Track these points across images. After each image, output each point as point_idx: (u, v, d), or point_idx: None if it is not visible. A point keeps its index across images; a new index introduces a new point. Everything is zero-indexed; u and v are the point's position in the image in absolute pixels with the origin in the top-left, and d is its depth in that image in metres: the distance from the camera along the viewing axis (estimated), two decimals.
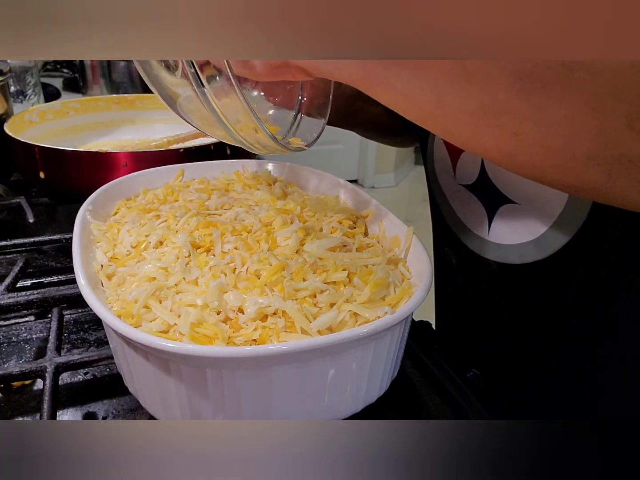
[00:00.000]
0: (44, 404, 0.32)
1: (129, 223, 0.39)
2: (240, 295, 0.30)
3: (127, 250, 0.37)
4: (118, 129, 0.82)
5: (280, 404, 0.29)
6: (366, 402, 0.33)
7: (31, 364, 0.35)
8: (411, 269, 0.36)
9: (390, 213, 0.41)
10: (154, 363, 0.28)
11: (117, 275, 0.34)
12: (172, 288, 0.32)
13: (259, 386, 0.28)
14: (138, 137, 0.80)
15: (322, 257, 0.34)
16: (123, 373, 0.34)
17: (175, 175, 0.48)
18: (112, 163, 0.58)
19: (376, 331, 0.28)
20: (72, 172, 0.59)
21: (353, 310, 0.30)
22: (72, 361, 0.35)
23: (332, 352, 0.28)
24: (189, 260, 0.34)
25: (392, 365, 0.33)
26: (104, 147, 0.65)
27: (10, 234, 0.52)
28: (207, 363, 0.27)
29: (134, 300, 0.31)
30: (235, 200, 0.43)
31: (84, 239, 0.37)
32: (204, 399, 0.29)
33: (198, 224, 0.38)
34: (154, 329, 0.29)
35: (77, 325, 0.44)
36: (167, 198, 0.44)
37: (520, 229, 0.42)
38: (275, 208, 0.42)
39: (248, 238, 0.36)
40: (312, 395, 0.30)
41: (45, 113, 0.75)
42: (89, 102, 0.80)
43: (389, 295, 0.32)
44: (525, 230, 0.42)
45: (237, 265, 0.33)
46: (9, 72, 0.75)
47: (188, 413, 0.29)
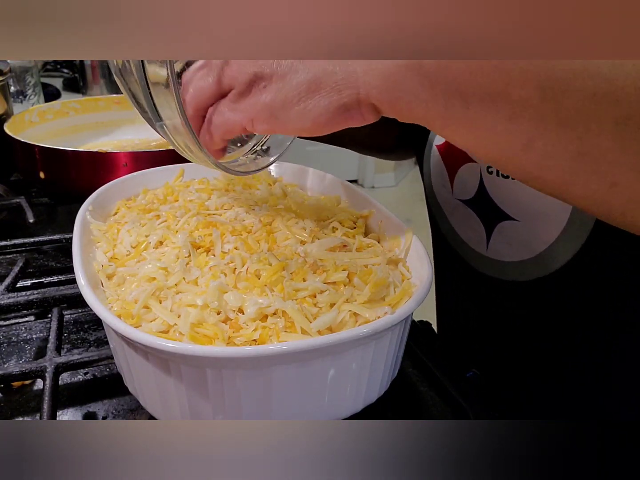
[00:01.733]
0: (44, 404, 0.32)
1: (129, 223, 0.39)
2: (240, 296, 0.30)
3: (127, 251, 0.37)
4: (118, 129, 0.82)
5: (280, 404, 0.29)
6: (366, 402, 0.33)
7: (31, 364, 0.35)
8: (411, 269, 0.36)
9: (390, 213, 0.41)
10: (154, 363, 0.28)
11: (117, 275, 0.34)
12: (172, 288, 0.32)
13: (259, 386, 0.28)
14: (138, 137, 0.80)
15: (322, 257, 0.34)
16: (123, 373, 0.34)
17: (175, 175, 0.48)
18: (112, 163, 0.58)
19: (376, 331, 0.28)
20: (72, 172, 0.59)
21: (353, 310, 0.30)
22: (72, 361, 0.35)
23: (332, 352, 0.28)
24: (189, 260, 0.34)
25: (392, 365, 0.33)
26: (104, 147, 0.65)
27: (10, 234, 0.52)
28: (207, 363, 0.27)
29: (134, 301, 0.31)
30: (235, 200, 0.43)
31: (84, 239, 0.37)
32: (204, 399, 0.28)
33: (198, 224, 0.38)
34: (154, 329, 0.29)
35: (77, 325, 0.44)
36: (167, 198, 0.44)
37: (520, 245, 0.42)
38: (275, 208, 0.42)
39: (248, 238, 0.36)
40: (312, 395, 0.30)
41: (45, 113, 0.75)
42: (89, 102, 0.80)
43: (389, 295, 0.32)
44: (525, 247, 0.42)
45: (237, 265, 0.33)
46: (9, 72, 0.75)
47: (188, 413, 0.29)
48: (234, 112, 0.31)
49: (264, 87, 0.29)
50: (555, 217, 0.38)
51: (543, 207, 0.39)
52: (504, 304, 0.46)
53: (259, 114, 0.30)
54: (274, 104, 0.29)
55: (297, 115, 0.29)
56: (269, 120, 0.30)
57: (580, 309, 0.40)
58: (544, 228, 0.40)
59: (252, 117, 0.30)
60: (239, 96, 0.31)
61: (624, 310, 0.38)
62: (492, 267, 0.45)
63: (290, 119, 0.29)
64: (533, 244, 0.41)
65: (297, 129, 0.30)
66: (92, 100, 0.81)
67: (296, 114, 0.29)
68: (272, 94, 0.29)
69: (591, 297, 0.39)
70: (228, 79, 0.31)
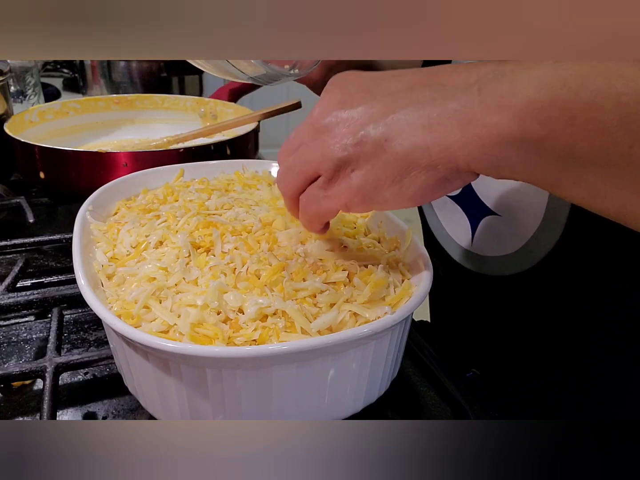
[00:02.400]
0: (44, 404, 0.32)
1: (129, 223, 0.39)
2: (240, 296, 0.30)
3: (127, 251, 0.37)
4: (118, 129, 0.82)
5: (280, 404, 0.29)
6: (366, 402, 0.33)
7: (31, 364, 0.35)
8: (411, 269, 0.36)
9: (390, 213, 0.41)
10: (154, 363, 0.28)
11: (117, 275, 0.34)
12: (172, 288, 0.32)
13: (259, 386, 0.28)
14: (138, 137, 0.80)
15: (322, 258, 0.34)
16: (123, 373, 0.34)
17: (175, 175, 0.48)
18: (112, 163, 0.58)
19: (376, 331, 0.28)
20: (72, 172, 0.59)
21: (353, 311, 0.30)
22: (72, 361, 0.35)
23: (332, 352, 0.28)
24: (189, 260, 0.34)
25: (392, 365, 0.33)
26: (104, 147, 0.65)
27: (10, 234, 0.52)
28: (207, 363, 0.27)
29: (134, 301, 0.31)
30: (235, 200, 0.43)
31: (84, 239, 0.37)
32: (204, 399, 0.28)
33: (198, 224, 0.38)
34: (154, 329, 0.29)
35: (77, 325, 0.44)
36: (167, 198, 0.44)
37: (502, 240, 0.42)
38: (275, 208, 0.42)
39: (248, 238, 0.36)
40: (312, 395, 0.30)
41: (45, 113, 0.75)
42: (89, 102, 0.80)
43: (389, 295, 0.32)
44: (507, 242, 0.42)
45: (237, 265, 0.33)
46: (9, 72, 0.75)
47: (188, 413, 0.29)
48: (327, 199, 0.30)
49: (352, 171, 0.28)
50: (532, 212, 0.38)
51: (521, 202, 0.39)
52: (490, 300, 0.46)
53: (352, 198, 0.29)
54: (366, 187, 0.28)
55: (393, 195, 0.28)
56: (364, 203, 0.29)
57: (562, 303, 0.40)
58: (523, 222, 0.40)
59: (346, 202, 0.29)
60: (329, 183, 0.29)
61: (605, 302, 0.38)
62: (477, 262, 0.45)
63: (386, 200, 0.28)
64: (514, 239, 0.41)
65: (396, 206, 0.29)
66: (92, 100, 0.81)
67: (392, 194, 0.28)
68: (362, 178, 0.28)
69: (571, 290, 0.39)
70: (314, 166, 0.29)
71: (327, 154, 0.28)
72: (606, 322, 0.39)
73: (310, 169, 0.30)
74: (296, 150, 0.30)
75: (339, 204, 0.30)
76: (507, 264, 0.42)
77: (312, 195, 0.30)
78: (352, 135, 0.28)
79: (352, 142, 0.27)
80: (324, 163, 0.29)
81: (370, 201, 0.29)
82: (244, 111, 0.77)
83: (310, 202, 0.31)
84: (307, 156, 0.30)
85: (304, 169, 0.30)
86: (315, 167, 0.29)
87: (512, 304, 0.44)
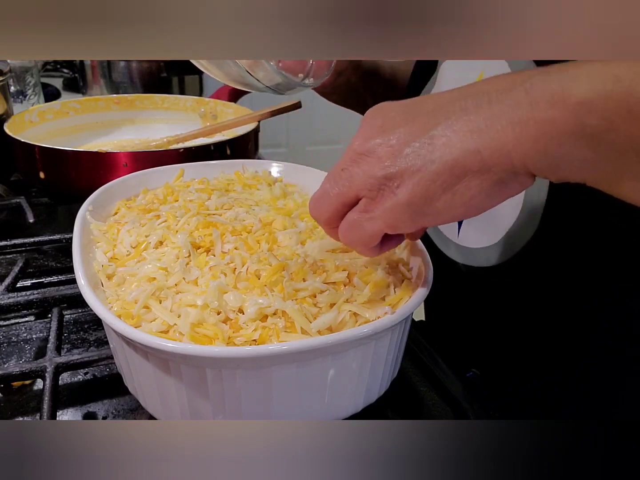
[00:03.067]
0: (44, 404, 0.32)
1: (129, 223, 0.39)
2: (240, 296, 0.30)
3: (127, 251, 0.37)
4: (118, 129, 0.82)
5: (280, 404, 0.29)
6: (366, 402, 0.33)
7: (31, 364, 0.35)
8: (411, 269, 0.36)
9: None
10: (154, 363, 0.28)
11: (117, 275, 0.34)
12: (172, 288, 0.32)
13: (259, 386, 0.28)
14: (138, 137, 0.80)
15: (322, 258, 0.34)
16: (123, 373, 0.34)
17: (175, 175, 0.48)
18: (112, 163, 0.58)
19: (376, 331, 0.28)
20: (72, 172, 0.59)
21: (353, 311, 0.30)
22: (72, 361, 0.35)
23: (332, 352, 0.28)
24: (189, 260, 0.34)
25: (392, 365, 0.33)
26: (104, 147, 0.65)
27: (10, 234, 0.52)
28: (207, 363, 0.27)
29: (134, 301, 0.31)
30: (235, 200, 0.43)
31: (84, 239, 0.37)
32: (204, 399, 0.28)
33: (198, 224, 0.38)
34: (154, 329, 0.29)
35: (77, 325, 0.44)
36: (167, 198, 0.44)
37: (485, 232, 0.43)
38: (275, 208, 0.42)
39: (248, 238, 0.36)
40: (312, 395, 0.30)
41: (45, 113, 0.75)
42: (89, 102, 0.80)
43: (389, 295, 0.32)
44: (489, 234, 0.42)
45: (237, 265, 0.33)
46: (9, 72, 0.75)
47: (188, 413, 0.29)
48: (370, 221, 0.28)
49: (397, 187, 0.26)
50: (511, 202, 0.38)
51: None
52: (480, 293, 0.47)
53: (400, 215, 0.27)
54: (414, 201, 0.26)
55: (446, 204, 0.26)
56: (413, 218, 0.27)
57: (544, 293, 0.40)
58: (504, 213, 0.40)
59: (392, 221, 0.27)
60: (372, 204, 0.27)
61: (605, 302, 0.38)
62: (463, 254, 0.45)
63: (438, 211, 0.26)
64: (496, 229, 0.42)
65: (448, 218, 0.27)
66: (92, 100, 0.81)
67: (444, 203, 0.26)
68: (410, 192, 0.26)
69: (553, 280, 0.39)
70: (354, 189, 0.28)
71: (369, 172, 0.27)
72: (606, 322, 0.39)
73: (349, 192, 0.28)
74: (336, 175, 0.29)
75: (384, 224, 0.28)
76: (490, 254, 0.43)
77: (352, 221, 0.29)
78: (397, 153, 0.26)
79: (397, 158, 0.26)
80: (366, 183, 0.27)
81: (421, 215, 0.27)
82: (244, 111, 0.77)
83: (352, 227, 0.29)
84: (347, 178, 0.28)
85: (343, 192, 0.28)
86: (356, 190, 0.28)
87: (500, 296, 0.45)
